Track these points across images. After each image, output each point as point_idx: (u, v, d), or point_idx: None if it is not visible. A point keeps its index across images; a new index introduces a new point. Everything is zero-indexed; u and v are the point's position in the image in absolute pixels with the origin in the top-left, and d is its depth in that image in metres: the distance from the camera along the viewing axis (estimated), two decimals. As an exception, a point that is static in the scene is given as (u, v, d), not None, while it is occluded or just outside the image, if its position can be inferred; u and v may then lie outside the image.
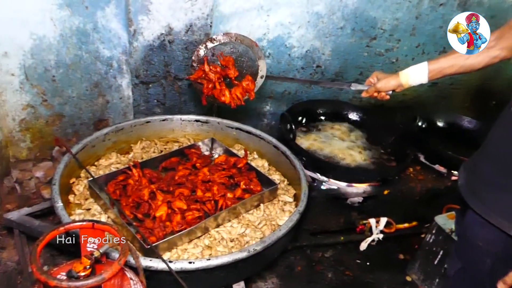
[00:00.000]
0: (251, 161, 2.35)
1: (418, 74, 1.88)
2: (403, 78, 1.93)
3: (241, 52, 2.25)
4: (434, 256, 2.38)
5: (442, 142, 2.75)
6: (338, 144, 2.66)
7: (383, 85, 1.97)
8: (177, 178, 2.00)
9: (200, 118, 2.49)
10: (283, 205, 2.08)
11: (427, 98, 3.44)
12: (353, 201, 2.47)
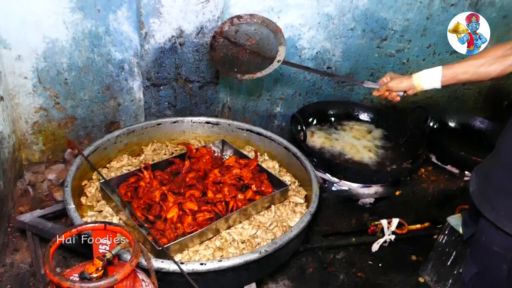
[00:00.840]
0: (262, 163, 2.33)
1: (431, 78, 1.81)
2: (416, 80, 1.87)
3: (264, 35, 2.18)
4: (447, 257, 2.34)
5: (454, 143, 2.70)
6: (350, 142, 2.64)
7: (395, 85, 1.92)
8: (188, 179, 1.98)
9: (211, 120, 2.48)
10: (294, 207, 2.06)
11: (439, 99, 3.40)
12: (364, 202, 2.44)
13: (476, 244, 1.77)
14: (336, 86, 3.05)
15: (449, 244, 2.33)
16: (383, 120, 2.86)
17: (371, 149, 2.59)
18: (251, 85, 2.83)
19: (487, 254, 1.67)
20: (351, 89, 3.09)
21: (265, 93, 2.91)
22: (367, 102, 3.17)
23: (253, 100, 2.91)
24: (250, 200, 1.96)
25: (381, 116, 2.90)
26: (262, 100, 2.93)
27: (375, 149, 2.60)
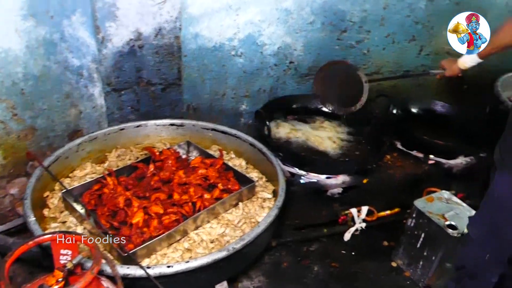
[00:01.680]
0: (228, 161, 2.32)
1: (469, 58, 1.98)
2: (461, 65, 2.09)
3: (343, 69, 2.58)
4: (416, 240, 2.37)
5: (418, 128, 2.75)
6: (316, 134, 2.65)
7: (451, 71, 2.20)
8: (153, 183, 1.96)
9: (175, 121, 2.46)
10: (262, 202, 2.05)
11: (403, 87, 3.44)
12: (333, 193, 2.45)
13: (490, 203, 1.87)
14: (300, 80, 3.05)
15: (417, 227, 2.35)
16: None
17: (335, 140, 2.60)
18: (214, 84, 2.81)
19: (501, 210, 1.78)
20: (315, 82, 3.10)
21: (230, 91, 2.88)
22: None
23: (218, 99, 2.89)
24: (217, 199, 1.95)
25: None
26: (227, 98, 2.91)
27: (340, 140, 2.61)
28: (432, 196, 2.44)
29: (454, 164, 2.78)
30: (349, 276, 2.43)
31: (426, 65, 3.38)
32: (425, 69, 2.60)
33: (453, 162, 2.78)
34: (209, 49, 2.66)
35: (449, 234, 2.20)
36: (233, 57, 2.75)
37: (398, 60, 3.25)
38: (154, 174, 2.03)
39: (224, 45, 2.69)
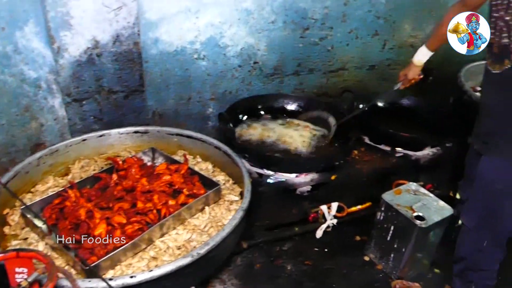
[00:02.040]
0: (195, 165, 2.31)
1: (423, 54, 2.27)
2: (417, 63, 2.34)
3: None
4: (386, 233, 2.39)
5: (384, 122, 2.78)
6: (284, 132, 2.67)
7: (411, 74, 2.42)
8: (116, 193, 1.93)
9: (139, 129, 2.43)
10: (229, 205, 2.05)
11: (369, 81, 3.47)
12: (302, 191, 2.46)
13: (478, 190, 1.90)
14: (266, 80, 3.05)
15: (386, 220, 2.38)
16: (314, 108, 2.90)
17: (304, 138, 2.61)
18: (179, 89, 2.79)
19: (490, 194, 1.83)
20: (281, 81, 3.11)
21: (195, 95, 2.87)
22: (298, 93, 3.20)
23: (184, 103, 2.87)
24: (183, 205, 1.93)
25: (312, 104, 2.94)
26: (193, 102, 2.89)
27: (308, 138, 2.63)
28: (400, 189, 2.47)
29: (421, 155, 2.82)
30: (323, 273, 2.45)
31: (390, 59, 3.43)
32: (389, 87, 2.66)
33: (420, 154, 2.82)
34: (171, 53, 2.65)
35: (417, 225, 2.23)
36: (196, 61, 2.74)
37: (362, 55, 3.29)
38: (117, 184, 2.00)
39: (185, 48, 2.67)
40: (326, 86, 3.28)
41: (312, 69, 3.15)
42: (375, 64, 3.39)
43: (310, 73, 3.16)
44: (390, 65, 3.46)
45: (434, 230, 2.33)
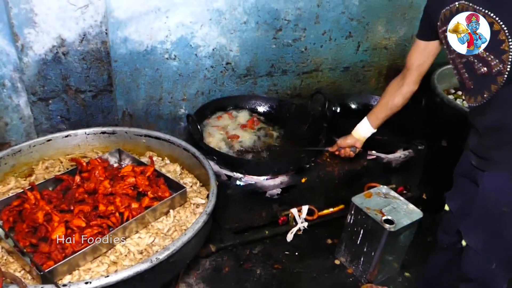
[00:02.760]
0: (162, 167, 2.27)
1: (364, 128, 2.33)
2: (356, 134, 2.36)
3: None
4: (356, 236, 2.40)
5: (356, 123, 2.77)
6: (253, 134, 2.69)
7: (342, 141, 2.39)
8: (77, 195, 1.88)
9: (106, 129, 2.38)
10: (195, 208, 2.02)
11: (343, 83, 3.49)
12: (272, 194, 2.45)
13: (481, 211, 1.75)
14: (239, 81, 3.03)
15: (356, 223, 2.39)
16: (286, 110, 2.90)
17: (273, 140, 2.61)
18: (150, 89, 2.75)
19: (496, 217, 1.69)
20: (254, 82, 3.09)
21: (166, 95, 2.83)
22: (272, 94, 3.19)
23: (155, 104, 2.83)
24: (147, 208, 1.90)
25: (284, 106, 2.94)
26: (164, 103, 2.86)
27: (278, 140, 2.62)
28: (370, 192, 2.49)
29: (393, 158, 2.83)
30: (293, 276, 2.45)
31: (364, 60, 3.45)
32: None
33: (392, 156, 2.84)
34: (141, 53, 2.61)
35: (386, 228, 2.24)
36: (167, 60, 2.71)
37: (336, 57, 3.29)
38: (79, 186, 1.96)
39: (156, 48, 2.64)
40: (300, 87, 3.27)
41: (286, 71, 3.14)
42: (349, 66, 3.39)
43: (283, 74, 3.15)
44: (364, 66, 3.48)
45: (404, 233, 2.35)
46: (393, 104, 2.18)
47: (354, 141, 2.37)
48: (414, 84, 2.09)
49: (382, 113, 2.25)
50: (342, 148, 2.40)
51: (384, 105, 2.22)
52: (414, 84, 2.09)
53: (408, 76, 2.07)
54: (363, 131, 2.35)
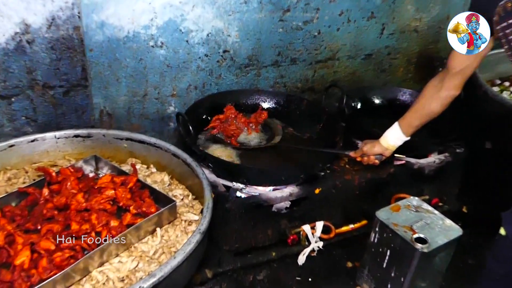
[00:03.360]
0: (147, 177, 2.28)
1: (394, 135, 2.38)
2: (384, 142, 2.41)
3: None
4: (381, 259, 2.39)
5: (381, 122, 2.77)
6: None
7: (369, 149, 2.44)
8: (45, 212, 1.89)
9: (80, 132, 2.40)
10: (187, 226, 2.03)
11: (364, 73, 3.49)
12: (279, 208, 2.45)
13: None
14: (239, 73, 3.04)
15: (381, 242, 2.38)
16: (296, 107, 2.92)
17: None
18: (132, 83, 2.76)
19: None
20: (258, 73, 3.10)
21: (152, 91, 2.84)
22: (278, 87, 3.19)
23: (139, 101, 2.84)
24: (129, 226, 1.90)
25: (294, 101, 2.95)
26: (150, 99, 2.86)
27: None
28: (398, 205, 2.48)
29: (425, 163, 2.83)
30: (305, 307, 2.44)
31: (390, 46, 3.45)
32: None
33: (425, 161, 2.83)
34: (121, 40, 2.61)
35: (417, 249, 2.23)
36: (152, 49, 2.71)
37: (356, 42, 3.30)
38: (47, 201, 1.96)
39: (139, 34, 2.64)
40: (312, 79, 3.28)
41: (295, 59, 3.15)
42: (372, 53, 3.40)
43: (292, 64, 3.15)
44: (389, 53, 3.48)
45: (439, 254, 2.34)
46: (430, 110, 2.24)
47: (382, 150, 2.43)
48: (456, 89, 2.14)
49: (417, 120, 2.31)
50: (367, 155, 2.46)
51: (419, 110, 2.28)
52: (455, 89, 2.14)
53: (449, 80, 2.12)
54: (393, 139, 2.39)
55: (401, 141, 2.39)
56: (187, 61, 2.85)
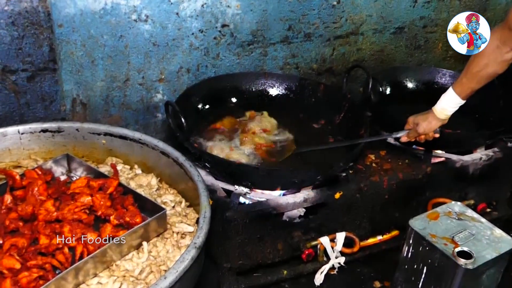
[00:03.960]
0: (130, 180, 2.31)
1: (451, 101, 2.49)
2: (440, 113, 2.52)
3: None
4: (417, 277, 2.41)
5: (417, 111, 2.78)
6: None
7: (426, 127, 2.54)
8: (8, 223, 1.91)
9: (49, 126, 2.43)
10: (179, 239, 2.05)
11: (394, 50, 3.50)
12: (291, 216, 2.46)
13: None
14: (241, 52, 3.06)
15: (416, 257, 2.39)
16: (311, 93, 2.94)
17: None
18: (111, 65, 2.77)
19: None
20: (264, 52, 3.11)
21: (135, 74, 2.86)
22: (289, 69, 3.21)
23: (119, 87, 2.86)
24: (110, 240, 1.93)
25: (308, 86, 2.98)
26: (133, 85, 2.89)
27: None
28: (437, 211, 2.49)
29: (470, 160, 2.83)
30: (324, 336, 2.46)
31: (426, 17, 3.45)
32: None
33: (469, 158, 2.84)
34: (97, 13, 2.63)
35: (460, 265, 2.25)
36: (135, 23, 2.73)
37: (384, 13, 3.31)
38: (10, 209, 1.99)
39: (119, 5, 2.66)
40: (331, 59, 3.29)
41: (310, 35, 3.16)
42: (404, 26, 3.42)
43: (306, 40, 3.17)
44: (425, 26, 3.49)
45: (488, 271, 2.35)
46: (488, 73, 2.36)
47: (439, 121, 2.54)
48: None
49: (476, 83, 2.42)
50: (425, 134, 2.55)
51: (478, 74, 2.38)
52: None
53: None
54: (451, 106, 2.50)
55: (458, 105, 2.51)
56: (177, 38, 2.86)
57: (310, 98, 2.95)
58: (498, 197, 3.03)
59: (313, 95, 2.96)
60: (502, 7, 3.74)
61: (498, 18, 3.67)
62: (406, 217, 2.48)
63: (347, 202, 2.58)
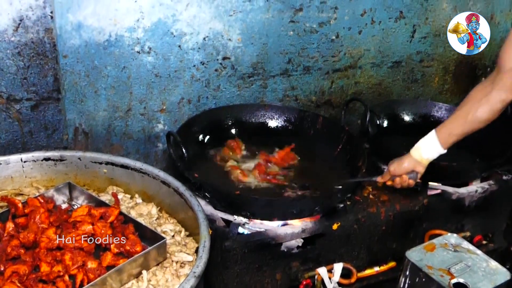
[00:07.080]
0: (131, 209, 2.32)
1: (429, 145, 2.37)
2: (416, 153, 2.40)
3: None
4: (414, 310, 2.40)
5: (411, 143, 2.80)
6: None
7: (397, 167, 2.43)
8: (9, 250, 1.92)
9: (51, 154, 2.44)
10: (179, 268, 2.05)
11: (392, 84, 3.53)
12: (290, 246, 2.46)
13: None
14: (241, 84, 3.09)
15: (413, 288, 2.40)
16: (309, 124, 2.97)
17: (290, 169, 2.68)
18: (113, 96, 2.80)
19: None
20: (264, 85, 3.14)
21: (137, 105, 2.89)
22: (289, 101, 3.23)
23: (121, 117, 2.88)
24: (110, 268, 1.93)
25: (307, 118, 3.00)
26: (134, 115, 2.91)
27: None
28: (433, 243, 2.50)
29: (466, 193, 2.84)
30: None
31: (423, 52, 3.50)
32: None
33: (465, 191, 2.85)
34: (101, 44, 2.67)
35: (456, 297, 2.25)
36: (138, 55, 2.76)
37: (382, 47, 3.35)
38: (12, 237, 1.99)
39: (123, 38, 2.70)
40: (329, 91, 3.32)
41: (309, 68, 3.20)
42: (401, 60, 3.46)
43: (305, 73, 3.20)
44: (422, 61, 3.53)
45: (483, 304, 2.35)
46: (475, 117, 2.24)
47: (413, 165, 2.41)
48: (509, 91, 2.15)
49: (459, 127, 2.30)
50: (397, 176, 2.43)
51: (462, 116, 2.28)
52: (509, 91, 2.15)
53: (500, 80, 2.14)
54: (428, 150, 2.38)
55: (437, 154, 2.39)
56: (179, 70, 2.89)
57: (309, 130, 2.97)
58: (494, 229, 3.03)
59: (312, 127, 2.98)
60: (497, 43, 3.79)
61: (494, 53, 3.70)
62: (403, 248, 2.48)
63: (345, 233, 2.58)
